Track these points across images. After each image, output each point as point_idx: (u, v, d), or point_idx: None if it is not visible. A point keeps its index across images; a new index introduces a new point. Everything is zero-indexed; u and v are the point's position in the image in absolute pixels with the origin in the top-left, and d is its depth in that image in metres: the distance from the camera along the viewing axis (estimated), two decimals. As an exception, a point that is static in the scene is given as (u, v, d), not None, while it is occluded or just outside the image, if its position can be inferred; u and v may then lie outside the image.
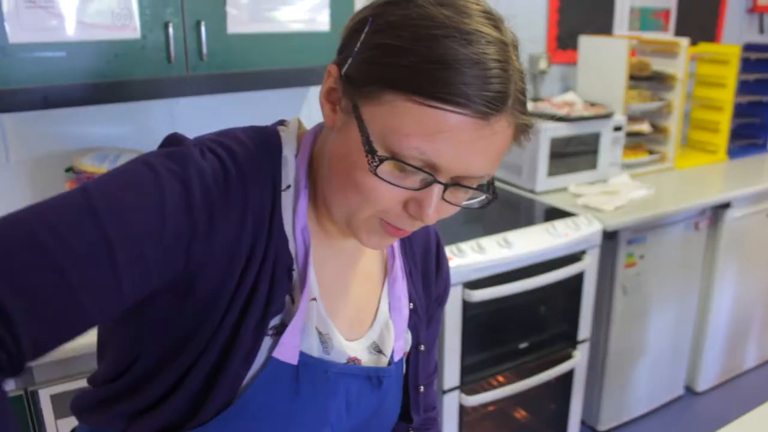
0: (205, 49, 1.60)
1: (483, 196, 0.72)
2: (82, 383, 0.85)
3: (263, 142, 0.76)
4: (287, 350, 0.74)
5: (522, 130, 0.69)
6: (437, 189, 0.66)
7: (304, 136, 0.80)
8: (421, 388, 0.93)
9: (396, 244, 0.88)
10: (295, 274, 0.76)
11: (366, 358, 0.83)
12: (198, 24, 1.58)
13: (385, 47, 0.64)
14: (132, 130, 1.94)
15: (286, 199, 0.76)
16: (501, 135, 0.65)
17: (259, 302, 0.72)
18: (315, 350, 0.77)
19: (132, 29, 1.52)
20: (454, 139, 0.63)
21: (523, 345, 2.14)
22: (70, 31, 1.45)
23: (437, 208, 0.68)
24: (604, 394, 2.50)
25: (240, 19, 1.65)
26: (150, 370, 0.73)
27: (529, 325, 2.17)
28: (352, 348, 0.81)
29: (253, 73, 1.70)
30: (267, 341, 0.74)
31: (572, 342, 2.27)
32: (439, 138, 0.62)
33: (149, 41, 1.54)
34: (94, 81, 1.51)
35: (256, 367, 0.73)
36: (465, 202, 0.72)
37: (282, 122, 0.83)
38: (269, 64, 1.72)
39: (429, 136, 0.63)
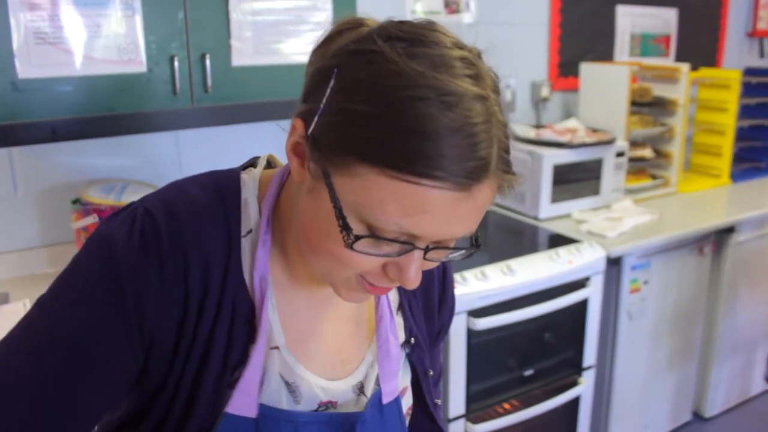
0: (210, 82, 1.63)
1: (464, 251, 0.67)
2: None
3: (217, 189, 0.72)
4: (241, 403, 0.70)
5: (506, 186, 0.64)
6: (417, 254, 0.63)
7: (271, 178, 0.75)
8: (438, 401, 0.91)
9: None
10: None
11: (344, 400, 0.78)
12: (203, 57, 1.61)
13: (353, 114, 0.58)
14: (138, 162, 1.97)
15: (246, 244, 0.72)
16: (483, 200, 0.61)
17: (217, 355, 0.69)
18: (283, 399, 0.73)
19: (138, 63, 1.55)
20: (435, 213, 0.58)
21: (528, 372, 2.13)
22: (78, 66, 1.48)
23: (418, 269, 0.64)
24: (611, 420, 2.48)
25: (244, 52, 1.68)
26: (134, 422, 0.73)
27: (534, 353, 2.16)
28: (330, 390, 0.77)
29: (258, 104, 1.73)
30: (229, 395, 0.71)
31: (578, 369, 2.26)
32: (419, 214, 0.58)
33: (155, 75, 1.57)
34: (101, 114, 1.53)
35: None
36: (447, 257, 0.67)
37: (255, 159, 0.80)
38: (273, 96, 1.74)
39: (407, 213, 0.58)
